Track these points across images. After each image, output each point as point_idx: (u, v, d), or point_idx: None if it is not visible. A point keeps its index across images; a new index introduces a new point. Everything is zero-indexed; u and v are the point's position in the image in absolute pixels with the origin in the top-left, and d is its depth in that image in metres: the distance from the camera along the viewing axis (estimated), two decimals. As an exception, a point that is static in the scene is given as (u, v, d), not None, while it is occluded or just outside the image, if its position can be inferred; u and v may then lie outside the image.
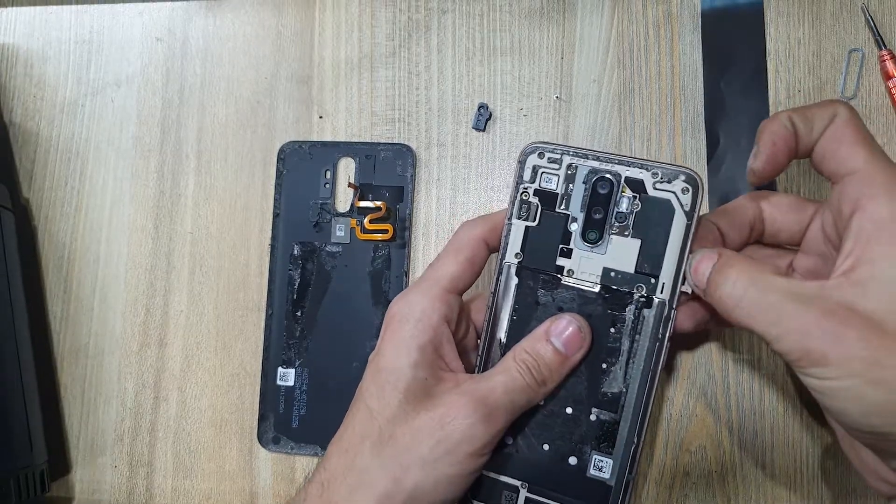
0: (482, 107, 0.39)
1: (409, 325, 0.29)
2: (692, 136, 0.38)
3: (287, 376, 0.38)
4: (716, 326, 0.32)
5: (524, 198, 0.30)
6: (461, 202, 0.39)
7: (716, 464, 0.36)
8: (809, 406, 0.35)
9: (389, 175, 0.39)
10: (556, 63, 0.39)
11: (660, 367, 0.29)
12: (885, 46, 0.36)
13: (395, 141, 0.39)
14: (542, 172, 0.30)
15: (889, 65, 0.36)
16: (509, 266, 0.31)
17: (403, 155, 0.39)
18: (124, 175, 0.41)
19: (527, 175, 0.30)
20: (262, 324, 0.39)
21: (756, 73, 0.37)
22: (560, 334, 0.29)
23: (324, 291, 0.38)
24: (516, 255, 0.30)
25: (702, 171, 0.37)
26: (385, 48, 0.40)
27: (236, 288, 0.40)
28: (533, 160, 0.30)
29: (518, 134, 0.39)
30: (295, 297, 0.38)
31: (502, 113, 0.39)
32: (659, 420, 0.36)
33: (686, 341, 0.36)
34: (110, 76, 0.42)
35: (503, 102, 0.39)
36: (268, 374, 0.38)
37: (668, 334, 0.29)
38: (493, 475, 0.31)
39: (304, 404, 0.38)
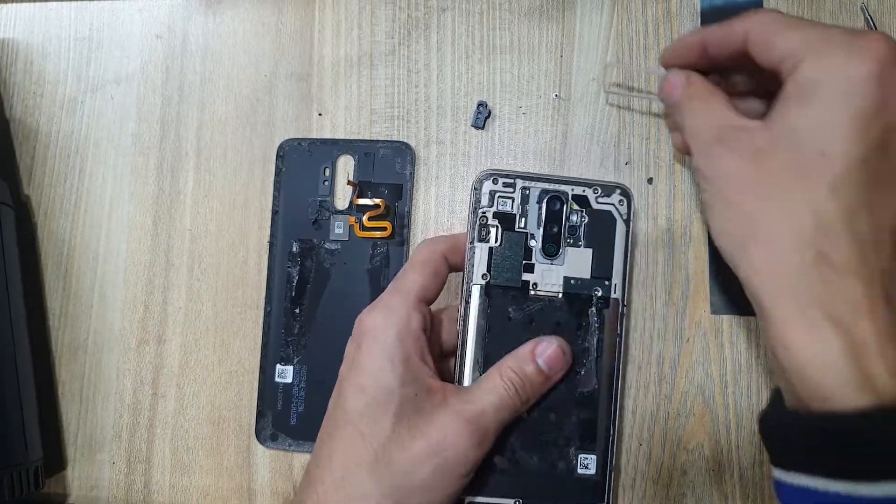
0: (481, 105, 0.39)
1: (389, 337, 0.29)
2: (691, 134, 0.38)
3: (285, 373, 0.38)
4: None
5: (483, 222, 0.32)
6: (460, 200, 0.39)
7: (713, 462, 0.36)
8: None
9: (388, 173, 0.39)
10: (556, 61, 0.39)
11: (622, 360, 0.32)
12: (885, 46, 0.36)
13: (395, 138, 0.39)
14: (499, 196, 0.33)
15: (888, 64, 0.36)
16: (478, 287, 0.32)
17: (402, 153, 0.39)
18: (124, 172, 0.41)
19: (484, 200, 0.32)
20: (261, 321, 0.39)
21: (755, 72, 0.37)
22: (544, 354, 0.30)
23: (322, 289, 0.38)
24: (483, 275, 0.32)
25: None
26: (384, 46, 0.40)
27: (235, 285, 0.40)
28: (488, 186, 0.33)
29: (517, 132, 0.39)
30: (293, 294, 0.38)
31: (501, 111, 0.39)
32: (657, 418, 0.36)
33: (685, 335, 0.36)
34: (110, 73, 0.42)
35: (502, 100, 0.39)
36: (266, 371, 0.38)
37: (624, 328, 0.32)
38: (487, 500, 0.31)
39: (303, 401, 0.38)
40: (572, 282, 0.32)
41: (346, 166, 0.39)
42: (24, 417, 0.37)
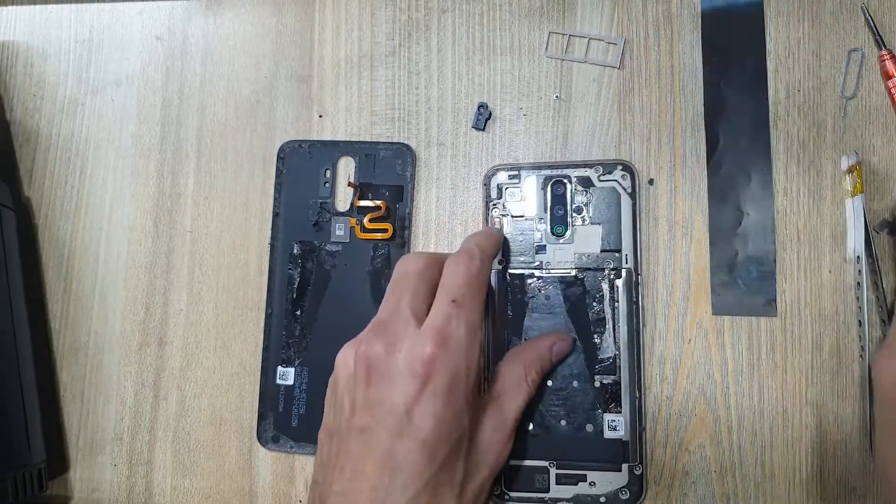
0: (482, 106, 0.39)
1: (471, 382, 0.29)
2: (692, 135, 0.38)
3: (286, 375, 0.38)
4: None
5: (494, 213, 0.36)
6: (461, 201, 0.39)
7: (715, 463, 0.36)
8: (808, 405, 0.35)
9: (389, 174, 0.39)
10: (556, 62, 0.39)
11: (641, 326, 0.34)
12: (885, 46, 0.36)
13: (395, 140, 0.39)
14: (506, 188, 0.36)
15: (889, 65, 0.36)
16: (496, 273, 0.35)
17: (403, 154, 0.39)
18: (124, 174, 0.41)
19: (493, 193, 0.36)
20: (262, 323, 0.39)
21: (756, 73, 0.37)
22: (557, 349, 0.33)
23: (323, 290, 0.38)
24: (499, 262, 0.35)
25: (702, 171, 0.37)
26: (385, 47, 0.40)
27: (236, 287, 0.40)
28: (496, 180, 0.36)
29: (518, 133, 0.39)
30: (294, 296, 0.38)
31: (502, 112, 0.39)
32: (658, 419, 0.36)
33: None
34: (110, 75, 0.42)
35: (503, 102, 0.39)
36: (267, 373, 0.38)
37: (640, 296, 0.35)
38: (522, 463, 0.34)
39: (304, 403, 0.38)
40: (584, 258, 0.35)
41: (346, 168, 0.39)
42: (27, 419, 0.37)
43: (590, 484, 0.33)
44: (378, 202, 0.38)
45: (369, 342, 0.29)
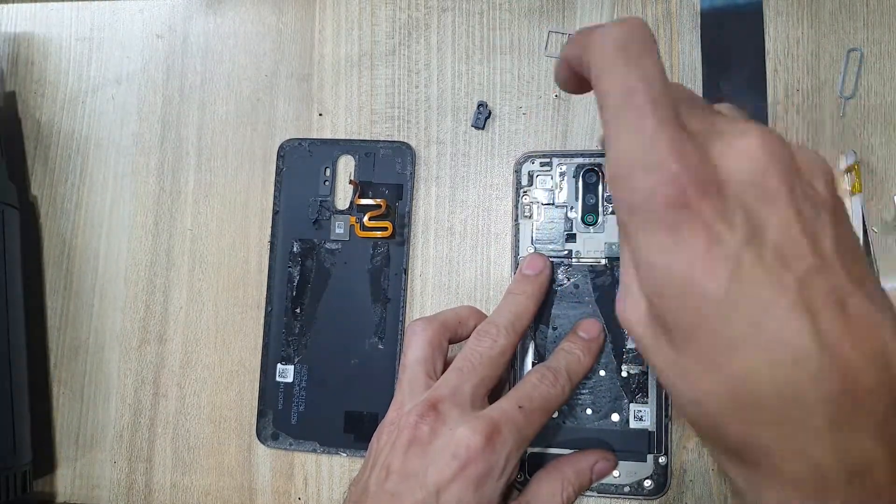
0: (481, 105, 0.39)
1: (501, 482, 0.29)
2: (691, 135, 0.38)
3: (286, 373, 0.38)
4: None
5: (525, 201, 0.36)
6: (460, 200, 0.39)
7: (713, 461, 0.36)
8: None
9: (389, 173, 0.39)
10: (556, 62, 0.39)
11: None
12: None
13: (395, 139, 0.40)
14: (537, 175, 0.36)
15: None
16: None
17: (403, 153, 0.39)
18: (125, 172, 0.42)
19: (524, 180, 0.36)
20: (262, 320, 0.39)
21: (755, 73, 0.37)
22: (601, 471, 0.33)
23: (323, 288, 0.38)
24: (528, 249, 0.36)
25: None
26: (385, 46, 0.40)
27: (236, 285, 0.40)
28: (527, 167, 0.36)
29: (517, 132, 0.39)
30: (294, 294, 0.39)
31: (501, 111, 0.39)
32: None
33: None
34: (111, 73, 0.42)
35: (502, 101, 0.39)
36: (267, 371, 0.38)
37: None
38: (545, 450, 0.34)
39: (303, 401, 0.38)
40: (614, 247, 0.35)
41: (346, 166, 0.39)
42: (14, 421, 0.37)
43: (614, 474, 0.34)
44: (378, 200, 0.38)
45: (422, 414, 0.29)
